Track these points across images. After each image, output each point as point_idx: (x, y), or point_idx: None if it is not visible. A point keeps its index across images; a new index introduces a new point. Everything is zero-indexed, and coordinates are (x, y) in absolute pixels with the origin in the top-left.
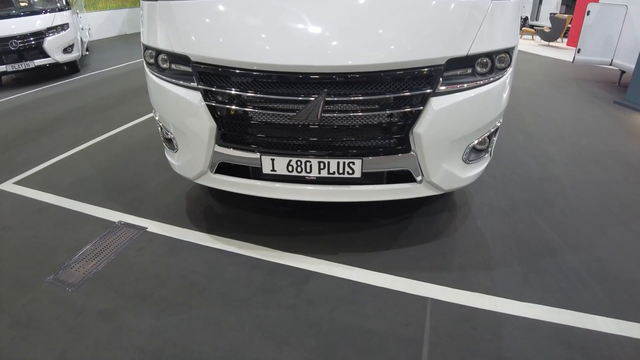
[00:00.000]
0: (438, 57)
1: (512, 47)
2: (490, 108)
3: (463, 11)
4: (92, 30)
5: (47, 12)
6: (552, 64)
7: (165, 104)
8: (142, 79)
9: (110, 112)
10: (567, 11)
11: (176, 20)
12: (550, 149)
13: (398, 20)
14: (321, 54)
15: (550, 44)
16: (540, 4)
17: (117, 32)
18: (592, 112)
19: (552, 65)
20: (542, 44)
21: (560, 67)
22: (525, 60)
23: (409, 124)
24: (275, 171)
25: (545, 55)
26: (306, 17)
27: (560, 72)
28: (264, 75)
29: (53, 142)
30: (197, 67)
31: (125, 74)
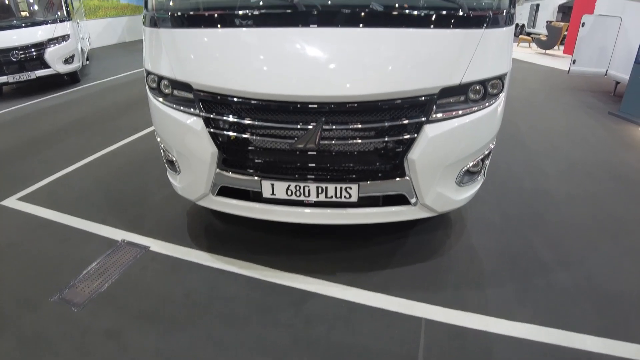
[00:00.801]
0: (431, 87)
1: (505, 73)
2: (484, 133)
3: (455, 41)
4: (92, 37)
5: (48, 23)
6: (548, 73)
7: (167, 129)
8: (143, 89)
9: (111, 124)
10: (563, 19)
11: (179, 48)
12: (544, 161)
13: (392, 52)
14: (319, 84)
15: (546, 52)
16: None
17: (117, 39)
18: (587, 123)
19: (548, 74)
20: (538, 52)
21: (556, 76)
22: (522, 69)
23: (404, 151)
24: (274, 195)
25: (541, 63)
26: (305, 48)
27: (556, 81)
28: (264, 104)
29: (55, 156)
30: (199, 94)
31: (125, 84)
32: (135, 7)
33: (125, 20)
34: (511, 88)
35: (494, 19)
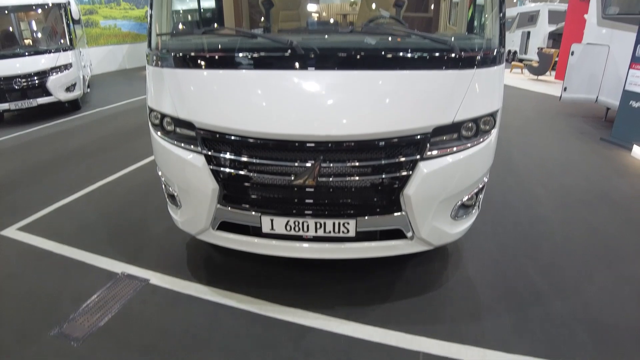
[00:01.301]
0: (425, 126)
1: (496, 110)
2: (477, 168)
3: (448, 82)
4: (93, 64)
5: (51, 52)
6: (540, 100)
7: (169, 165)
8: (143, 118)
9: (112, 153)
10: (554, 45)
11: (182, 88)
12: (538, 190)
13: (386, 93)
14: (317, 124)
15: (538, 78)
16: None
17: (117, 66)
18: (580, 149)
19: (540, 101)
20: (531, 78)
21: (549, 102)
22: (515, 96)
23: (400, 187)
24: (274, 230)
25: (534, 90)
26: (303, 89)
27: (548, 107)
28: (264, 142)
29: (55, 185)
30: (201, 133)
31: (125, 112)
32: (136, 35)
33: (126, 47)
34: (504, 115)
35: (485, 59)
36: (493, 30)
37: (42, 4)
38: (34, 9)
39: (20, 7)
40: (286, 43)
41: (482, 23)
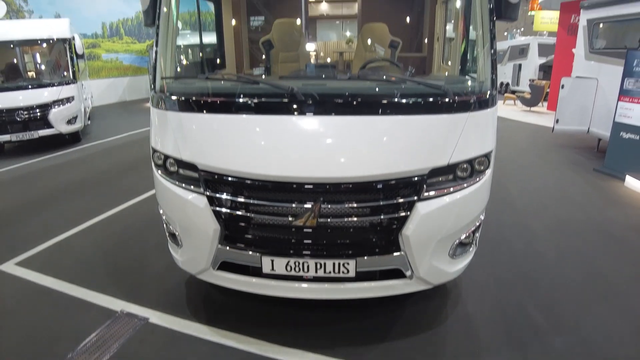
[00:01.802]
0: (421, 168)
1: (490, 151)
2: (473, 207)
3: (442, 126)
4: (94, 96)
5: (54, 85)
6: (533, 131)
7: (171, 204)
8: (143, 151)
9: (111, 187)
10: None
11: (185, 130)
12: (534, 223)
13: (383, 137)
14: (316, 167)
15: (531, 109)
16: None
17: (118, 98)
18: (574, 180)
19: (534, 132)
20: (524, 110)
21: (542, 134)
22: (509, 128)
23: (398, 227)
24: (274, 271)
25: (527, 121)
26: (303, 133)
27: (541, 139)
28: (265, 184)
29: (55, 219)
30: (204, 175)
31: (125, 144)
32: (137, 68)
33: (127, 80)
34: (499, 147)
35: (478, 102)
36: (485, 73)
37: (47, 39)
38: (39, 43)
39: (26, 42)
40: (287, 89)
41: (474, 65)
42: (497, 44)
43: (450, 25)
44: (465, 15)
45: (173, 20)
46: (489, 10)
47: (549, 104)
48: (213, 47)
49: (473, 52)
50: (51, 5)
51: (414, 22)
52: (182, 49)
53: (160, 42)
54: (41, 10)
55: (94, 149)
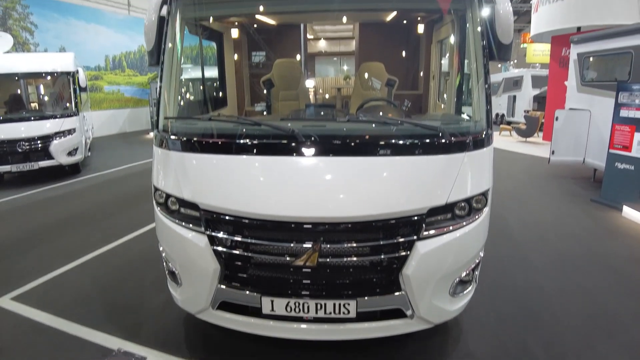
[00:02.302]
0: (419, 208)
1: (487, 189)
2: (472, 245)
3: (439, 166)
4: (95, 127)
5: (57, 117)
6: (530, 162)
7: (172, 243)
8: (142, 184)
9: (110, 220)
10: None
11: (188, 171)
12: (534, 256)
13: (381, 177)
14: (316, 207)
15: (527, 140)
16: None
17: (118, 129)
18: (572, 212)
19: (530, 163)
20: (520, 140)
21: (538, 164)
22: (505, 159)
23: (398, 267)
24: (274, 312)
25: (523, 152)
26: (303, 174)
27: (538, 169)
28: (267, 224)
29: (52, 252)
30: (205, 214)
31: (125, 177)
32: (138, 100)
33: (127, 112)
34: (496, 180)
35: (473, 142)
36: (480, 112)
37: (52, 72)
38: (43, 76)
39: (30, 74)
40: (288, 131)
41: (469, 104)
42: (491, 76)
43: (445, 64)
44: (460, 55)
45: (177, 61)
46: (482, 51)
47: (544, 134)
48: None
49: (468, 92)
50: (57, 39)
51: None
52: (185, 88)
53: (164, 81)
54: (47, 44)
55: (94, 180)
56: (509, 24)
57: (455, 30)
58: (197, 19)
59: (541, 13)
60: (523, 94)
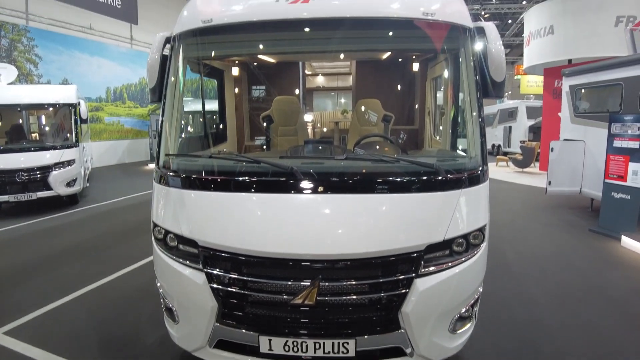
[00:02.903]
0: (417, 245)
1: (484, 225)
2: (471, 281)
3: (436, 203)
4: (94, 158)
5: (57, 148)
6: (527, 192)
7: (170, 280)
8: (140, 216)
9: (107, 252)
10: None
11: (187, 207)
12: (533, 289)
13: (379, 215)
14: (314, 244)
15: (524, 170)
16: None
17: (117, 160)
18: (570, 242)
19: (527, 194)
20: (516, 171)
21: (536, 195)
22: (503, 190)
23: (397, 305)
24: (272, 350)
25: (520, 182)
26: (301, 211)
27: (535, 200)
28: (265, 262)
29: (48, 285)
30: (204, 251)
31: (123, 208)
32: (138, 132)
33: (127, 143)
34: (494, 211)
35: (469, 179)
36: (475, 149)
37: (54, 103)
38: (45, 108)
39: (32, 106)
40: (286, 169)
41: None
42: (487, 107)
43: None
44: (454, 92)
45: (178, 99)
46: (476, 88)
47: (540, 164)
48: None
49: (463, 129)
50: (60, 71)
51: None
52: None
53: (166, 118)
54: (50, 75)
55: (91, 211)
56: (501, 62)
57: (449, 68)
58: (199, 57)
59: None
60: (518, 124)
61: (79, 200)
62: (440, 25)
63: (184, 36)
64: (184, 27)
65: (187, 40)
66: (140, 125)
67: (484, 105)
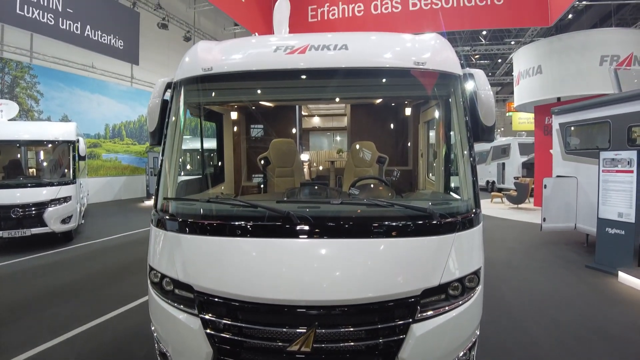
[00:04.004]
0: (413, 290)
1: (479, 268)
2: (467, 325)
3: (431, 247)
4: (90, 193)
5: (54, 184)
6: (522, 229)
7: (165, 324)
8: (135, 255)
9: (100, 292)
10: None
11: (183, 252)
12: (532, 328)
13: (374, 260)
14: (311, 290)
15: (518, 207)
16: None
17: (113, 197)
18: (567, 279)
19: (523, 230)
20: (511, 207)
21: (531, 231)
22: (498, 227)
23: (395, 351)
24: None
25: (515, 219)
26: (297, 257)
27: (531, 236)
28: (260, 308)
29: (37, 325)
30: (199, 296)
31: (117, 246)
32: (135, 168)
33: (123, 179)
34: (489, 248)
35: (463, 223)
36: (468, 192)
37: (53, 140)
38: (44, 144)
39: (32, 142)
40: (282, 213)
41: (457, 185)
42: (480, 144)
43: (432, 143)
44: (446, 136)
45: (177, 143)
46: (467, 132)
47: (535, 200)
48: (214, 160)
49: (455, 171)
50: (60, 107)
51: (399, 139)
52: (184, 166)
53: (165, 161)
54: (50, 111)
55: (85, 249)
56: (491, 107)
57: (440, 113)
58: (199, 103)
59: (523, 85)
60: (511, 161)
61: (74, 237)
62: (431, 74)
63: (185, 82)
64: (185, 73)
65: (188, 86)
66: (137, 162)
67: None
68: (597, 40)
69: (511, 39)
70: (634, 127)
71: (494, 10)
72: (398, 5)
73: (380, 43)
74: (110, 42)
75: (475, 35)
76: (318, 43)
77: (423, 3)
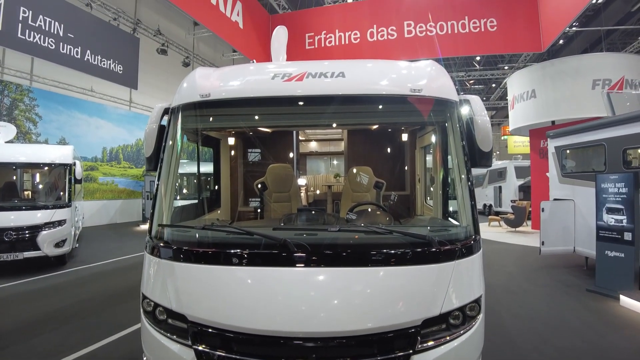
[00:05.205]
0: (414, 320)
1: (480, 296)
2: (469, 355)
3: (431, 276)
4: (86, 217)
5: (49, 207)
6: (521, 253)
7: (157, 354)
8: (128, 280)
9: (92, 319)
10: (525, 197)
11: (177, 280)
12: (534, 357)
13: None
14: (308, 321)
15: (516, 230)
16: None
17: (109, 220)
18: (568, 304)
19: (521, 254)
20: (509, 231)
21: (529, 255)
22: (496, 251)
23: None
24: None
25: (513, 242)
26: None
27: (530, 260)
28: (255, 339)
29: (25, 354)
30: (193, 327)
31: (111, 272)
32: (131, 192)
33: (119, 202)
34: (488, 273)
35: (463, 250)
36: (467, 219)
37: (49, 163)
38: (40, 167)
39: (27, 164)
40: (279, 241)
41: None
42: (476, 168)
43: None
44: (443, 162)
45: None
46: (464, 158)
47: (532, 223)
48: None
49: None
50: (58, 130)
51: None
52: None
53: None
54: (48, 134)
55: (78, 274)
56: (487, 132)
57: (437, 138)
58: (196, 129)
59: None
60: (508, 184)
61: (67, 261)
62: (427, 100)
63: (183, 108)
64: (183, 99)
65: (186, 112)
66: (133, 186)
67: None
68: (589, 64)
69: (505, 64)
70: (628, 150)
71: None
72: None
73: (377, 70)
74: (110, 66)
75: (470, 61)
76: (315, 70)
77: (418, 30)
